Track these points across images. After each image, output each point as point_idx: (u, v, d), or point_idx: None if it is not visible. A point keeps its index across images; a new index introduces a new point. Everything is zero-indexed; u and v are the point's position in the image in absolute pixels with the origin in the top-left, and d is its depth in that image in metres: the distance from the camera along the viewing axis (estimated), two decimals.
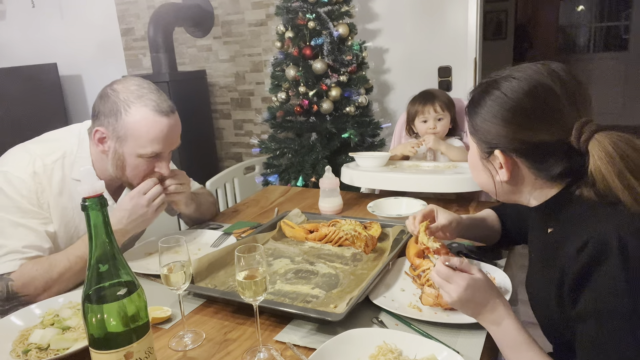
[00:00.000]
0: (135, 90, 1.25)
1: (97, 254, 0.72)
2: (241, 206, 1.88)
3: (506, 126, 0.84)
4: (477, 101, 0.89)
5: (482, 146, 0.90)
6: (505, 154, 0.86)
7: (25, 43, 4.15)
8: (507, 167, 0.87)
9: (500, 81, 0.86)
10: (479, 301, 0.87)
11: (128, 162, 1.28)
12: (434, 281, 0.92)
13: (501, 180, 0.90)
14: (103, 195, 0.72)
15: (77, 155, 1.31)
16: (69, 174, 1.29)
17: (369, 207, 1.61)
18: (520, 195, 0.92)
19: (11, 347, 0.99)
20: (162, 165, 1.31)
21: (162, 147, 1.27)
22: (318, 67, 2.59)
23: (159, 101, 1.26)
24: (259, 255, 0.89)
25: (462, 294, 0.86)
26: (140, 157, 1.27)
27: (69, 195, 1.29)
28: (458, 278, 0.87)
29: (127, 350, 0.72)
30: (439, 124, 1.94)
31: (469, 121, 0.92)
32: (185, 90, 3.31)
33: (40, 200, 1.24)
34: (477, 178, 0.98)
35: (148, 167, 1.30)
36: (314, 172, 2.61)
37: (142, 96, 1.24)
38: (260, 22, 3.34)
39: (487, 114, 0.87)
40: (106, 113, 1.24)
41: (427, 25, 2.91)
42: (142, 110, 1.23)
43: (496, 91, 0.85)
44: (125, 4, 3.73)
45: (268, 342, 0.97)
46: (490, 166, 0.90)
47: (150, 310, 0.94)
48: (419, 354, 0.87)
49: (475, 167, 0.96)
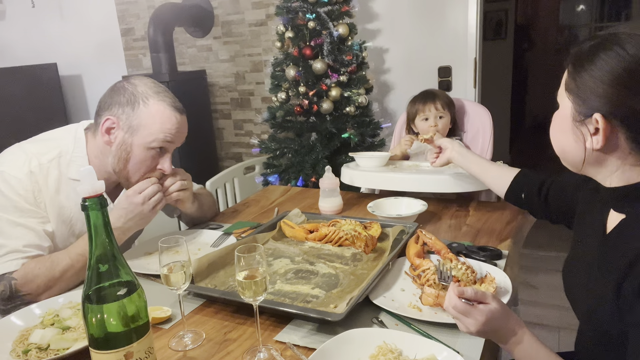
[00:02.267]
0: (153, 87, 1.32)
1: (97, 253, 0.72)
2: (241, 206, 1.88)
3: (618, 88, 0.76)
4: (587, 55, 0.80)
5: (580, 106, 0.81)
6: (606, 119, 0.78)
7: (25, 43, 4.15)
8: (605, 134, 0.79)
9: (623, 37, 0.77)
10: (499, 331, 0.85)
11: (135, 153, 1.30)
12: (449, 313, 0.88)
13: (592, 148, 0.81)
14: (103, 195, 0.72)
15: (73, 155, 1.32)
16: (65, 173, 1.30)
17: (369, 207, 1.61)
18: (602, 169, 0.84)
19: (11, 347, 0.99)
20: (165, 161, 1.34)
21: (172, 141, 1.32)
22: (318, 67, 2.59)
23: (173, 100, 1.34)
24: (259, 255, 0.89)
25: (481, 328, 0.84)
26: (148, 149, 1.30)
27: (65, 194, 1.29)
28: (476, 313, 0.84)
29: (127, 350, 0.72)
30: (440, 122, 1.95)
31: (570, 76, 0.83)
32: (185, 90, 3.31)
33: (37, 200, 1.24)
34: (559, 141, 0.89)
35: (152, 162, 1.33)
36: (314, 172, 2.61)
37: (159, 92, 1.31)
38: (260, 22, 3.34)
39: (598, 71, 0.77)
40: (122, 103, 1.28)
41: (427, 25, 2.91)
42: (160, 104, 1.29)
43: (616, 47, 0.76)
44: (125, 4, 3.73)
45: (268, 342, 0.97)
46: (584, 129, 0.81)
47: (150, 310, 0.94)
48: (419, 354, 0.87)
49: (560, 129, 0.87)
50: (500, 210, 1.61)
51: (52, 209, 1.27)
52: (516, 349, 0.85)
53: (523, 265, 2.93)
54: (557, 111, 0.88)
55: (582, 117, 0.81)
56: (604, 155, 0.82)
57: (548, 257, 0.97)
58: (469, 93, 2.88)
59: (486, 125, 2.06)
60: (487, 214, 1.59)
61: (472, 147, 2.08)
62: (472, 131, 2.09)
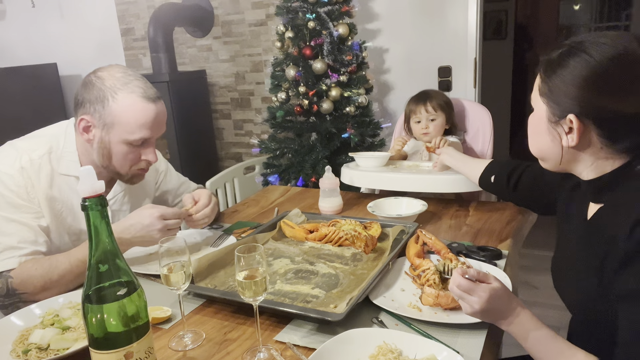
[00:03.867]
0: (121, 78, 1.25)
1: (97, 253, 0.72)
2: (241, 206, 1.88)
3: (587, 90, 0.82)
4: (558, 61, 0.87)
5: (554, 109, 0.88)
6: (579, 119, 0.84)
7: (25, 43, 4.14)
8: (579, 133, 0.85)
9: (588, 44, 0.83)
10: (502, 309, 0.88)
11: (114, 150, 1.28)
12: (453, 293, 0.91)
13: (568, 146, 0.88)
14: (103, 195, 0.72)
15: (64, 150, 1.31)
16: (56, 168, 1.29)
17: (369, 207, 1.61)
18: (578, 164, 0.91)
19: (11, 347, 0.99)
20: (149, 152, 1.31)
21: (150, 133, 1.28)
22: (318, 67, 2.59)
23: (145, 88, 1.26)
24: (259, 255, 0.89)
25: (484, 305, 0.87)
26: (127, 144, 1.27)
27: (58, 189, 1.29)
28: (480, 290, 0.87)
29: (127, 350, 0.72)
30: (431, 125, 1.94)
31: (543, 81, 0.90)
32: (185, 90, 3.31)
33: (30, 195, 1.23)
34: (536, 143, 0.95)
35: (135, 155, 1.30)
36: (314, 172, 2.61)
37: (128, 83, 1.24)
38: (260, 22, 3.34)
39: (568, 76, 0.84)
40: (92, 100, 1.24)
41: (427, 25, 2.91)
42: (130, 96, 1.23)
43: (583, 54, 0.83)
44: (125, 4, 3.73)
45: (268, 342, 0.97)
46: (559, 129, 0.88)
47: (150, 310, 0.94)
48: (419, 354, 0.87)
49: (537, 132, 0.94)
50: (500, 210, 1.61)
51: (45, 203, 1.26)
52: (519, 328, 0.87)
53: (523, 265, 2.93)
54: (531, 115, 0.95)
55: (557, 118, 0.88)
56: (578, 152, 0.89)
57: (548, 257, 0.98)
58: (469, 93, 2.88)
59: (486, 125, 2.06)
60: (487, 214, 1.59)
61: (472, 147, 2.08)
62: (472, 131, 2.09)
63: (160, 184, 1.62)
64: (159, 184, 1.62)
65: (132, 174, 1.34)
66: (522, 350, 0.91)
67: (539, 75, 0.91)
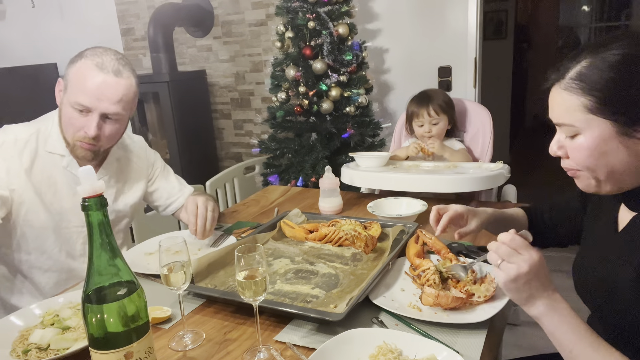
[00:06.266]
0: (97, 49, 1.33)
1: (97, 253, 0.72)
2: (241, 206, 1.88)
3: None
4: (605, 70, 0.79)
5: (623, 120, 0.78)
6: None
7: (25, 43, 4.14)
8: None
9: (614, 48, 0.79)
10: (543, 284, 0.81)
11: (64, 111, 1.31)
12: (491, 259, 0.85)
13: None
14: (103, 195, 0.72)
15: (51, 130, 1.37)
16: (42, 146, 1.35)
17: (369, 207, 1.61)
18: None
19: (11, 347, 0.99)
20: (89, 124, 1.28)
21: (90, 102, 1.26)
22: (318, 67, 2.59)
23: (106, 61, 1.30)
24: (259, 255, 0.89)
25: (533, 266, 0.80)
26: (71, 108, 1.29)
27: (41, 165, 1.34)
28: (532, 250, 0.81)
29: (127, 350, 0.72)
30: (434, 128, 1.95)
31: (592, 97, 0.80)
32: (185, 90, 3.31)
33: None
34: (604, 166, 0.83)
35: (78, 122, 1.30)
36: (314, 172, 2.61)
37: (95, 54, 1.30)
38: (260, 22, 3.34)
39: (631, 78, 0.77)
40: (68, 65, 1.31)
41: (427, 25, 2.91)
42: (85, 62, 1.28)
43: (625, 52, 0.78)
44: (125, 4, 3.73)
45: (268, 342, 0.97)
46: (635, 139, 0.79)
47: (150, 310, 0.94)
48: (419, 354, 0.87)
49: (604, 153, 0.81)
50: None
51: (24, 177, 1.30)
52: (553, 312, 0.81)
53: None
54: (579, 142, 0.83)
55: (631, 128, 0.79)
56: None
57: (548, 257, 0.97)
58: (469, 93, 2.88)
59: (486, 125, 2.06)
60: None
61: (472, 147, 2.08)
62: (472, 131, 2.09)
63: (155, 180, 1.61)
64: (154, 180, 1.61)
65: (73, 144, 1.34)
66: (522, 351, 0.90)
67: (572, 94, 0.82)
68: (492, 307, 1.01)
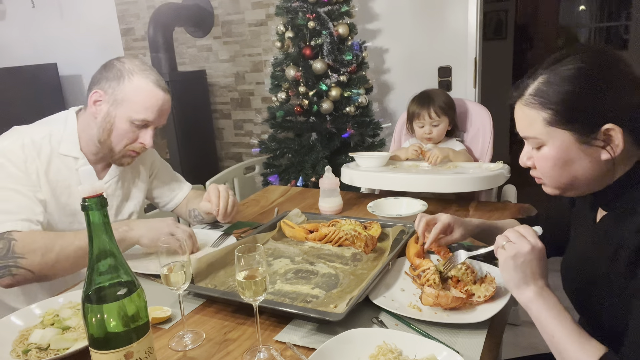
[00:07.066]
0: (139, 65, 1.39)
1: (97, 253, 0.72)
2: (241, 206, 1.88)
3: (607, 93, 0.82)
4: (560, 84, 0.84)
5: (580, 129, 0.83)
6: (614, 124, 0.81)
7: (25, 43, 4.15)
8: (621, 139, 0.82)
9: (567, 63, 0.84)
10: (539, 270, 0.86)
11: (117, 125, 1.36)
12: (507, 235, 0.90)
13: (608, 158, 0.84)
14: (103, 195, 0.72)
15: (64, 133, 1.40)
16: (56, 149, 1.37)
17: (369, 207, 1.61)
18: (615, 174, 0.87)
19: (11, 347, 0.99)
20: (147, 136, 1.39)
21: (153, 117, 1.37)
22: (318, 67, 2.59)
23: (158, 77, 1.40)
24: (259, 255, 0.89)
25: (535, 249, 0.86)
26: (130, 123, 1.35)
27: (56, 168, 1.35)
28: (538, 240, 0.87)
29: (127, 350, 0.72)
30: (434, 130, 1.95)
31: (548, 110, 0.85)
32: (185, 90, 3.31)
33: (28, 169, 1.30)
34: (568, 174, 0.88)
35: (133, 135, 1.38)
36: (314, 172, 2.61)
37: (144, 70, 1.38)
38: (260, 22, 3.34)
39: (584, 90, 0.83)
40: (109, 78, 1.35)
41: (427, 25, 2.91)
42: (143, 80, 1.35)
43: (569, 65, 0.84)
44: (125, 4, 3.73)
45: (268, 342, 0.97)
46: (595, 147, 0.84)
47: (150, 310, 0.94)
48: (419, 354, 0.87)
49: (566, 162, 0.87)
50: (500, 211, 1.61)
51: (44, 179, 1.32)
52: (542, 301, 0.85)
53: None
54: (543, 153, 0.89)
55: (588, 137, 0.84)
56: (618, 159, 0.85)
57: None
58: (469, 93, 2.88)
59: (486, 125, 2.06)
60: (487, 214, 1.59)
61: (472, 147, 2.08)
62: (472, 131, 2.09)
63: (155, 175, 1.65)
64: (154, 175, 1.65)
65: (123, 154, 1.41)
66: (522, 350, 0.91)
67: (532, 109, 0.87)
68: (492, 307, 1.01)
